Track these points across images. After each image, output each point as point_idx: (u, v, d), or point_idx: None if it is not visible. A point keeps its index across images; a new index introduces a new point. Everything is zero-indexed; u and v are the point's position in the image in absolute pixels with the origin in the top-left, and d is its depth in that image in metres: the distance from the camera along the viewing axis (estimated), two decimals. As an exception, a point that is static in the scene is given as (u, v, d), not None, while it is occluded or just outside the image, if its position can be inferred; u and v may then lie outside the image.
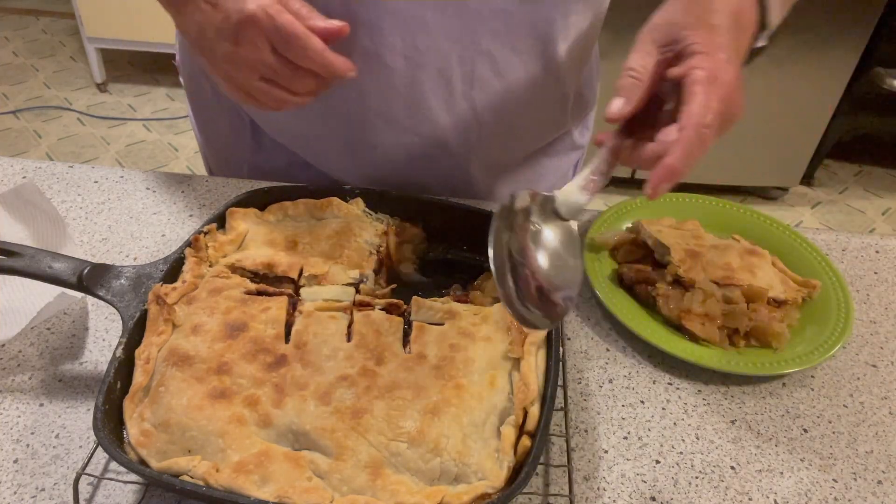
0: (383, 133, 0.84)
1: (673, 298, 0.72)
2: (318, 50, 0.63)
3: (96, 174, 0.92)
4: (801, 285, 0.75)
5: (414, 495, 0.51)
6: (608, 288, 0.75)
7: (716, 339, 0.70)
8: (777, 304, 0.72)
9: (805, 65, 2.31)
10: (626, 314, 0.72)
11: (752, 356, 0.69)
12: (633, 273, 0.76)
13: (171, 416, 0.55)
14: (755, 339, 0.71)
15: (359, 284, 0.67)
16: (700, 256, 0.74)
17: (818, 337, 0.71)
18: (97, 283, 0.63)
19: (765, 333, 0.70)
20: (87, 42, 2.95)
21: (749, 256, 0.76)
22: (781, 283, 0.75)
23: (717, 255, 0.75)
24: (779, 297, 0.72)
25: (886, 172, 2.85)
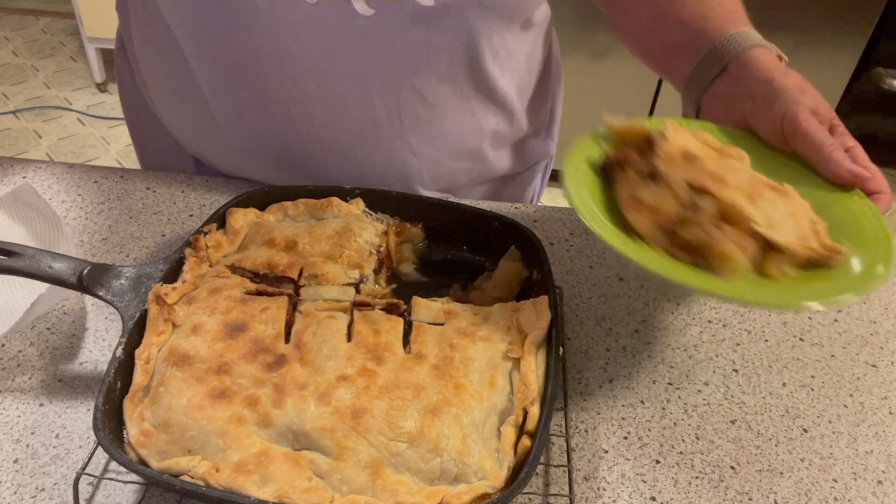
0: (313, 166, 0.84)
1: (634, 185, 0.61)
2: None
3: (96, 174, 0.92)
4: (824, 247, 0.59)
5: (414, 495, 0.51)
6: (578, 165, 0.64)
7: (651, 234, 0.58)
8: (769, 245, 0.57)
9: (805, 65, 2.31)
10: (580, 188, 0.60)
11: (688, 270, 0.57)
12: (615, 154, 0.64)
13: (171, 416, 0.55)
14: (700, 258, 0.57)
15: (359, 284, 0.67)
16: (697, 161, 0.61)
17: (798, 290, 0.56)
18: (97, 283, 0.63)
19: (710, 250, 0.56)
20: (87, 42, 2.95)
21: (763, 187, 0.60)
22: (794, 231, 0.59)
23: (721, 167, 0.61)
24: (773, 240, 0.57)
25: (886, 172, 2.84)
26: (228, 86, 0.80)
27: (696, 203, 0.58)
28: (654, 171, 0.61)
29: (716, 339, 0.75)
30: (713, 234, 0.56)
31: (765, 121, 0.65)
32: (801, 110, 0.62)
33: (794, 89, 0.63)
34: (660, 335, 0.75)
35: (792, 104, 0.62)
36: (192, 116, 0.88)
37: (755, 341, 0.75)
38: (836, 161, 0.61)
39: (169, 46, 0.81)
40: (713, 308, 0.78)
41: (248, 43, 0.74)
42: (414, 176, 0.86)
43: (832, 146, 0.61)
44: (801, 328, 0.77)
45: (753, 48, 0.67)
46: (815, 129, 0.61)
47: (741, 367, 0.72)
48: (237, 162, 0.89)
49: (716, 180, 0.59)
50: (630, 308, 0.78)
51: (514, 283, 0.69)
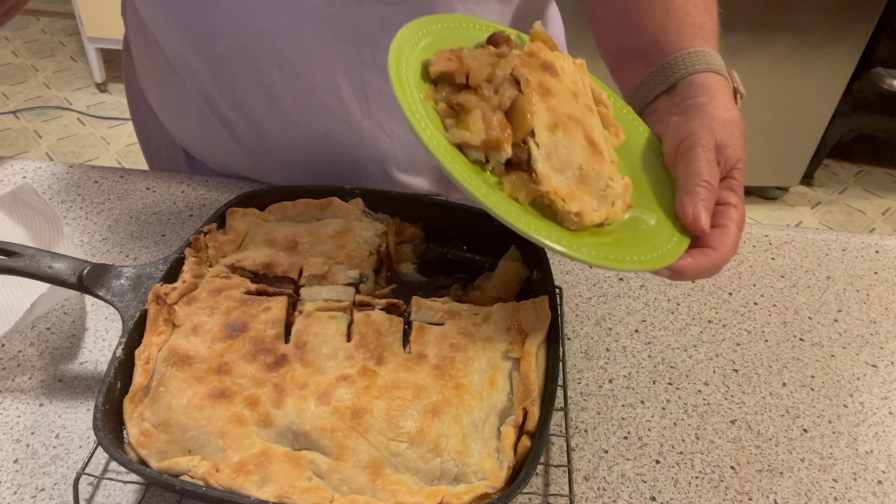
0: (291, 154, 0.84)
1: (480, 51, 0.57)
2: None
3: (96, 174, 0.92)
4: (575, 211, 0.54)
5: (414, 495, 0.51)
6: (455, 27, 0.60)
7: (433, 68, 0.55)
8: (527, 164, 0.53)
9: (805, 65, 2.31)
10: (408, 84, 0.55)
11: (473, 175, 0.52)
12: (502, 38, 0.60)
13: (171, 416, 0.55)
14: (452, 117, 0.54)
15: (359, 284, 0.67)
16: (550, 73, 0.57)
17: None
18: (97, 283, 0.63)
19: (464, 115, 0.53)
20: (87, 42, 2.95)
21: (580, 134, 0.56)
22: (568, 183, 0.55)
23: (562, 93, 0.57)
24: (534, 161, 0.53)
25: (886, 172, 2.86)
26: (198, 76, 0.80)
27: (501, 85, 0.54)
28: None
29: (716, 339, 0.75)
30: (477, 105, 0.53)
31: (674, 133, 0.61)
32: (707, 136, 0.58)
33: (718, 119, 0.59)
34: (660, 335, 0.75)
35: (704, 128, 0.58)
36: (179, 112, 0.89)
37: (755, 341, 0.75)
38: (693, 194, 0.56)
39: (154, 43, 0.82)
40: (713, 308, 0.78)
41: (211, 27, 0.75)
42: (388, 159, 0.85)
43: (703, 182, 0.56)
44: (801, 328, 0.77)
45: (706, 72, 0.63)
46: (703, 157, 0.57)
47: (741, 367, 0.72)
48: (221, 156, 0.90)
49: (541, 88, 0.55)
50: (630, 308, 0.78)
51: (514, 283, 0.69)
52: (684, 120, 0.60)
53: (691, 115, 0.60)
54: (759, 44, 2.27)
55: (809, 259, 0.86)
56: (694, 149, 0.57)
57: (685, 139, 0.59)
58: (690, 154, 0.58)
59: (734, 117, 0.61)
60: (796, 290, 0.81)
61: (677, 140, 0.60)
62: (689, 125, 0.59)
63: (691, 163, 0.57)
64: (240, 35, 0.74)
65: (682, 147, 0.59)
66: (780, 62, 2.30)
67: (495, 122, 0.53)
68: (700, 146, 0.57)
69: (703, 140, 0.58)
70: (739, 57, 2.29)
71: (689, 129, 0.59)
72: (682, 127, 0.60)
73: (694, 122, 0.59)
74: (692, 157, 0.57)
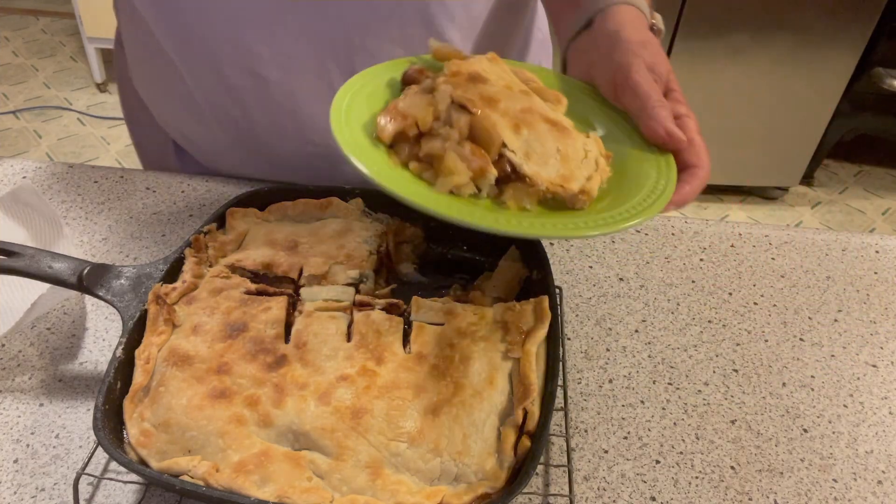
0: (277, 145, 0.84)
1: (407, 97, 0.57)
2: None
3: (96, 174, 0.92)
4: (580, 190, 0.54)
5: (414, 495, 0.51)
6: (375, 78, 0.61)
7: (383, 135, 0.54)
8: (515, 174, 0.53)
9: (805, 65, 2.31)
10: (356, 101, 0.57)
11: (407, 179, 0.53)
12: (416, 71, 0.61)
13: (171, 416, 0.55)
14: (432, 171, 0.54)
15: (359, 284, 0.67)
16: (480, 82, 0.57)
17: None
18: (97, 283, 0.63)
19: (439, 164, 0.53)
20: (87, 42, 2.95)
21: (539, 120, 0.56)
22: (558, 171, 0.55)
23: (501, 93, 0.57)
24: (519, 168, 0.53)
25: (886, 172, 2.86)
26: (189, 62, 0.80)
27: (451, 117, 0.54)
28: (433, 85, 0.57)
29: (716, 339, 0.75)
30: (445, 147, 0.53)
31: (603, 71, 0.63)
32: (635, 62, 0.60)
33: (635, 42, 0.61)
34: (660, 335, 0.75)
35: (629, 55, 0.60)
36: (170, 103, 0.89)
37: (755, 341, 0.75)
38: (657, 117, 0.58)
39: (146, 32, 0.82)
40: (713, 308, 0.78)
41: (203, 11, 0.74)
42: None
43: (657, 102, 0.58)
44: (801, 328, 0.77)
45: (619, 4, 0.65)
46: (644, 82, 0.59)
47: (741, 367, 0.72)
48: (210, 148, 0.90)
49: (484, 100, 0.55)
50: (630, 308, 0.78)
51: (514, 283, 0.69)
52: (607, 54, 0.62)
53: (612, 48, 0.62)
54: (759, 44, 2.27)
55: (809, 259, 0.86)
56: (631, 77, 0.59)
57: (617, 72, 0.61)
58: (630, 83, 0.59)
59: (647, 38, 0.63)
60: (796, 290, 0.81)
61: (611, 76, 0.62)
62: (615, 57, 0.61)
63: (637, 90, 0.59)
64: (231, 18, 0.74)
65: (618, 81, 0.61)
66: (780, 62, 2.30)
67: (468, 153, 0.53)
68: (635, 73, 0.59)
69: (634, 66, 0.60)
70: (739, 57, 2.29)
71: (616, 61, 0.61)
72: (609, 62, 0.62)
73: (618, 54, 0.61)
74: (633, 84, 0.59)
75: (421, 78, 0.59)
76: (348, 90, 0.58)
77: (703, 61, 2.31)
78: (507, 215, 0.52)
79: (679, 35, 2.27)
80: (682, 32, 2.26)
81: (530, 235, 0.50)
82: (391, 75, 0.62)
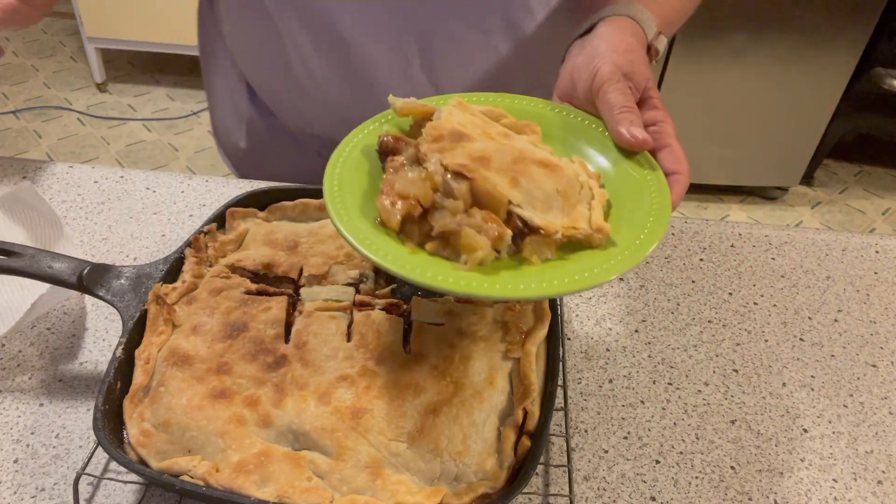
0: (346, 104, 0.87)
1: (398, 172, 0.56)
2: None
3: (96, 174, 0.93)
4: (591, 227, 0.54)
5: (414, 495, 0.51)
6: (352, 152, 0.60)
7: (392, 223, 0.53)
8: (528, 227, 0.53)
9: (805, 65, 2.31)
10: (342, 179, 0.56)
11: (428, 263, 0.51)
12: (392, 140, 0.59)
13: (171, 416, 0.55)
14: (450, 247, 0.52)
15: (359, 284, 0.67)
16: (464, 140, 0.56)
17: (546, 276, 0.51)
18: (97, 283, 0.63)
19: (456, 239, 0.52)
20: (87, 42, 2.95)
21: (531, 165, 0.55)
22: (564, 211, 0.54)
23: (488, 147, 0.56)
24: (531, 222, 0.52)
25: (886, 172, 2.86)
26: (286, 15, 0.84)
27: (451, 187, 0.53)
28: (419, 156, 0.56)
29: (716, 339, 0.75)
30: (459, 222, 0.52)
31: (583, 76, 0.63)
32: (611, 69, 0.60)
33: (617, 51, 0.62)
34: (660, 335, 0.75)
35: (607, 63, 0.61)
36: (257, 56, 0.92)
37: (755, 341, 0.75)
38: (622, 121, 0.58)
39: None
40: (713, 308, 0.78)
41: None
42: None
43: (624, 108, 0.59)
44: (801, 328, 0.77)
45: (622, 15, 0.66)
46: (614, 90, 0.59)
47: (741, 367, 0.72)
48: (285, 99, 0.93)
49: (477, 161, 0.54)
50: (630, 308, 0.78)
51: (514, 283, 0.69)
52: (588, 60, 0.63)
53: (594, 54, 0.63)
54: (759, 44, 2.27)
55: (809, 259, 0.86)
56: (604, 85, 0.60)
57: (594, 79, 0.61)
58: (602, 90, 0.60)
59: (630, 45, 0.64)
60: (796, 290, 0.81)
61: (588, 82, 0.62)
62: (594, 64, 0.62)
63: (607, 97, 0.60)
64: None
65: (593, 88, 0.62)
66: (780, 62, 2.30)
67: (481, 222, 0.52)
68: (609, 82, 0.60)
69: (609, 75, 0.60)
70: (739, 57, 2.29)
71: (594, 67, 0.62)
72: (588, 68, 0.63)
73: (597, 60, 0.62)
74: (604, 92, 0.60)
75: (400, 146, 0.58)
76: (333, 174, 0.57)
77: (703, 61, 2.31)
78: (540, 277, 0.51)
79: (679, 35, 2.27)
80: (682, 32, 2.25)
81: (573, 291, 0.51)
82: (364, 143, 0.61)
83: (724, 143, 2.47)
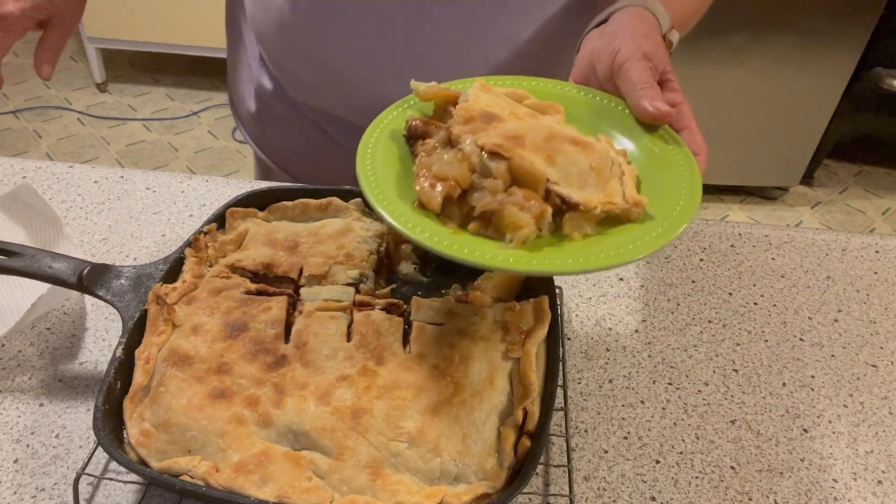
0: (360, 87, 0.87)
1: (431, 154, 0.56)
2: None
3: (96, 174, 0.93)
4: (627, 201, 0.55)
5: (414, 495, 0.51)
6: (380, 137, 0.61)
7: (433, 205, 0.53)
8: (566, 204, 0.53)
9: (805, 65, 2.31)
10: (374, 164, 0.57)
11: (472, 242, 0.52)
12: (421, 124, 0.60)
13: (171, 416, 0.55)
14: (492, 227, 0.53)
15: (359, 284, 0.67)
16: (495, 121, 0.57)
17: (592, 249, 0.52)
18: (97, 283, 0.63)
19: (499, 218, 0.52)
20: (87, 42, 2.95)
21: (563, 142, 0.56)
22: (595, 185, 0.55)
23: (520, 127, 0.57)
24: (570, 199, 0.53)
25: (886, 172, 2.85)
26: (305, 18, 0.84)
27: (488, 167, 0.54)
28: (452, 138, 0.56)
29: (716, 339, 0.75)
30: (501, 201, 0.52)
31: (603, 57, 0.65)
32: (632, 48, 0.63)
33: (637, 32, 0.65)
34: (660, 335, 0.75)
35: (627, 43, 0.63)
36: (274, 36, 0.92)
37: (755, 341, 0.75)
38: (645, 96, 0.60)
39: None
40: (713, 308, 0.78)
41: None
42: None
43: (646, 84, 0.61)
44: (801, 328, 0.77)
45: (637, 6, 0.69)
46: (636, 68, 0.62)
47: (741, 367, 0.72)
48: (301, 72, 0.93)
49: (511, 140, 0.55)
50: (630, 308, 0.78)
51: (514, 284, 0.69)
52: (608, 42, 0.65)
53: (614, 36, 0.65)
54: (759, 44, 2.27)
55: (809, 259, 0.86)
56: (626, 63, 0.62)
57: (615, 59, 0.64)
58: (624, 68, 0.62)
59: (649, 31, 0.66)
60: (796, 290, 0.81)
61: (609, 63, 0.64)
62: (614, 44, 0.64)
63: (629, 74, 0.62)
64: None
65: (614, 65, 0.64)
66: (780, 62, 2.30)
67: (522, 200, 0.52)
68: (630, 60, 0.62)
69: (631, 54, 0.63)
70: (739, 57, 2.29)
71: (614, 48, 0.64)
72: (608, 49, 0.65)
73: (618, 40, 0.64)
74: (626, 70, 0.62)
75: (430, 130, 0.59)
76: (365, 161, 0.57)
77: (703, 61, 2.31)
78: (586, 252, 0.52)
79: (679, 35, 2.26)
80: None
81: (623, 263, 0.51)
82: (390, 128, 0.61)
83: (724, 143, 2.47)
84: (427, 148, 0.57)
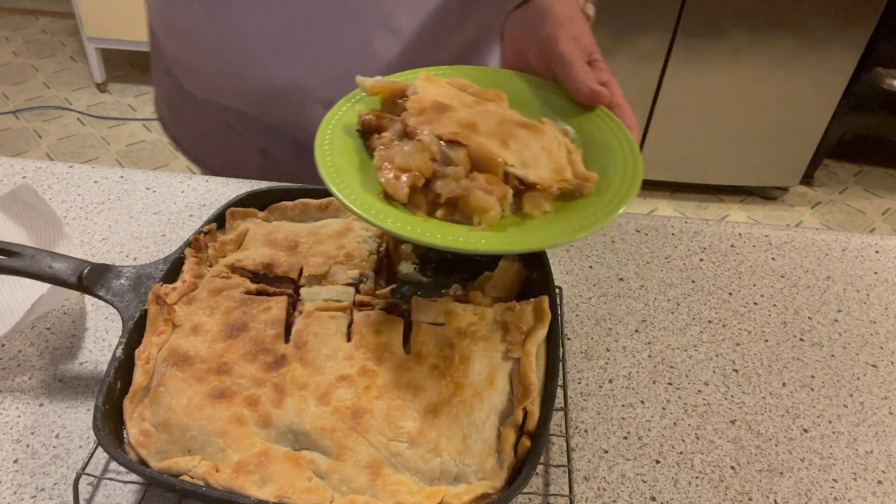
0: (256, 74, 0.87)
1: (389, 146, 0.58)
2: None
3: (96, 174, 0.93)
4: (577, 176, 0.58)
5: (414, 495, 0.51)
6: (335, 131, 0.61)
7: (400, 195, 0.55)
8: (525, 185, 0.56)
9: (805, 65, 2.31)
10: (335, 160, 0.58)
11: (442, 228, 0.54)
12: (374, 118, 0.61)
13: (171, 416, 0.55)
14: (459, 212, 0.55)
15: (359, 284, 0.67)
16: (448, 111, 0.59)
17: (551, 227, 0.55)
18: (97, 283, 0.63)
19: (466, 203, 0.55)
20: (87, 42, 2.95)
21: (515, 127, 0.59)
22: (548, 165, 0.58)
23: (472, 114, 0.59)
24: (527, 179, 0.56)
25: (886, 172, 2.86)
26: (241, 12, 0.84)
27: (448, 155, 0.56)
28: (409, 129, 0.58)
29: (716, 339, 0.75)
30: (465, 186, 0.55)
31: (533, 42, 0.68)
32: (562, 33, 0.66)
33: (563, 16, 0.67)
34: (660, 335, 0.75)
35: (556, 27, 0.66)
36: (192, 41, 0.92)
37: (755, 341, 0.75)
38: (581, 79, 0.64)
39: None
40: (713, 308, 0.78)
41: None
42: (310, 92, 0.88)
43: (581, 67, 0.64)
44: (801, 328, 0.77)
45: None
46: (569, 51, 0.65)
47: (741, 367, 0.72)
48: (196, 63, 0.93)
49: (466, 128, 0.57)
50: (630, 308, 0.78)
51: (514, 283, 0.69)
52: (538, 27, 0.68)
53: (542, 22, 0.68)
54: (759, 44, 2.27)
55: (809, 259, 0.86)
56: (558, 47, 0.65)
57: (546, 43, 0.67)
58: (556, 51, 0.65)
59: (575, 13, 0.69)
60: (796, 290, 0.81)
61: (540, 46, 0.67)
62: (544, 29, 0.67)
63: (562, 58, 0.65)
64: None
65: (546, 51, 0.67)
66: (780, 62, 2.30)
67: (485, 184, 0.55)
68: (562, 43, 0.65)
69: (561, 37, 0.66)
70: (739, 57, 2.29)
71: (545, 32, 0.67)
72: (539, 34, 0.68)
73: (547, 26, 0.67)
74: (559, 53, 0.65)
75: (385, 123, 0.61)
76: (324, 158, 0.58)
77: (703, 61, 2.31)
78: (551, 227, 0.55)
79: (679, 35, 2.27)
80: (682, 32, 2.26)
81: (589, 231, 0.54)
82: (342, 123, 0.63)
83: (724, 143, 2.47)
84: (384, 141, 0.59)
